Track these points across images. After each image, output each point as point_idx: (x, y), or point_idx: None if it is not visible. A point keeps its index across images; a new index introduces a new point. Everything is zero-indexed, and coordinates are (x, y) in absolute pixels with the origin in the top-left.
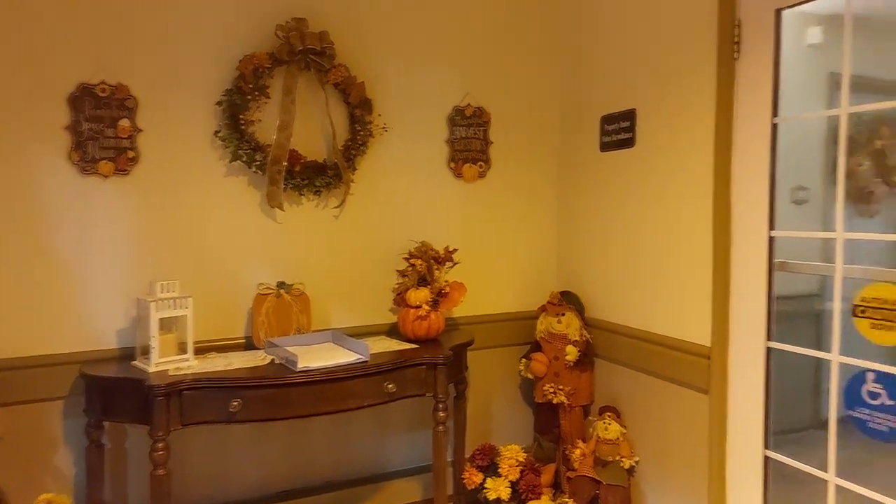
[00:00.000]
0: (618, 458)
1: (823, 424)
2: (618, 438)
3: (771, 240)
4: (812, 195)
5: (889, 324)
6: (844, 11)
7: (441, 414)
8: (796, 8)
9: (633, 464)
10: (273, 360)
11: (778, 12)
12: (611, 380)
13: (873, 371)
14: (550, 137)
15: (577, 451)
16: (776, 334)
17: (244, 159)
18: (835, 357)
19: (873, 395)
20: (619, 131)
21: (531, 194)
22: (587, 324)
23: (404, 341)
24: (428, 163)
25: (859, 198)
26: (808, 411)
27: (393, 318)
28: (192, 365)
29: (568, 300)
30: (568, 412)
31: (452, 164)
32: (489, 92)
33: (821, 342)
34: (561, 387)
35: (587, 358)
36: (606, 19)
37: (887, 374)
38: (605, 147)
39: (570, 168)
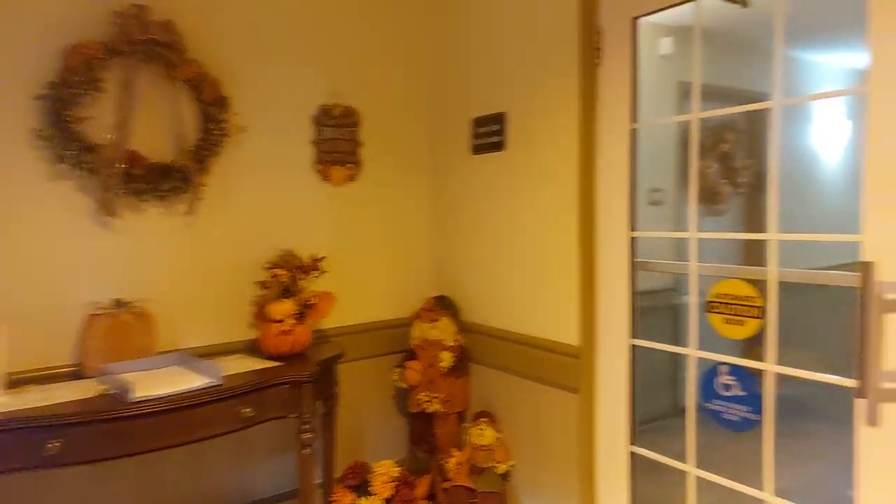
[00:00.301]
0: (493, 464)
1: (683, 412)
2: (493, 444)
3: (632, 240)
4: (667, 196)
5: (739, 318)
6: (694, 23)
7: (306, 436)
8: (650, 18)
9: (509, 468)
10: (106, 390)
11: (634, 20)
12: (486, 384)
13: (726, 364)
14: (423, 139)
15: (453, 461)
16: (640, 330)
17: (71, 161)
18: (692, 352)
19: (727, 387)
20: (489, 134)
21: (404, 197)
22: (463, 328)
23: (266, 359)
24: (292, 165)
25: (709, 198)
26: (669, 399)
27: (254, 335)
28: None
29: (443, 305)
30: (443, 420)
31: (319, 167)
32: (359, 91)
33: (679, 336)
34: (436, 394)
35: (462, 363)
36: (476, 22)
37: (739, 367)
38: (476, 149)
39: (443, 170)
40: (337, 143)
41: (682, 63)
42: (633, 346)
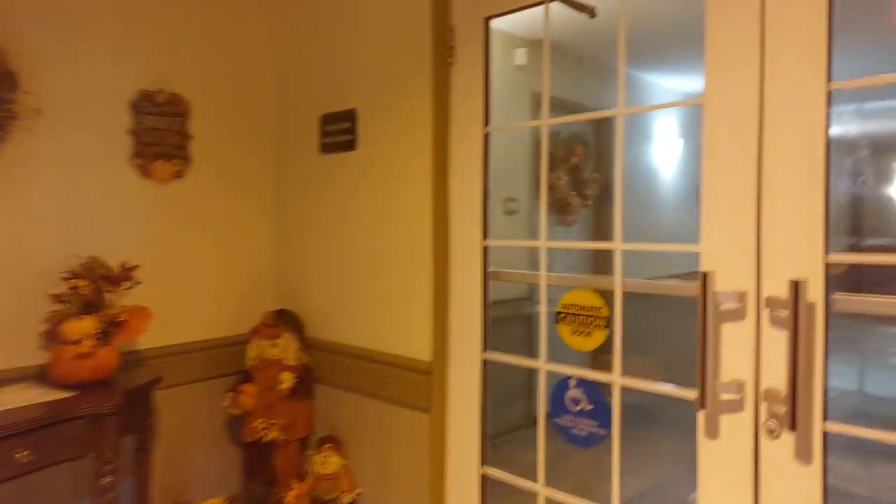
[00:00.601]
0: (338, 494)
1: (535, 424)
2: (338, 472)
3: (485, 249)
4: (521, 206)
5: (586, 329)
6: (543, 29)
7: (107, 479)
8: (505, 27)
9: (355, 498)
10: None
11: (486, 21)
12: (333, 407)
13: (574, 377)
14: (266, 135)
15: (292, 493)
16: (493, 342)
17: None
18: (542, 365)
19: (575, 401)
20: (339, 132)
21: (243, 199)
22: (307, 345)
23: (59, 388)
24: (103, 157)
25: (560, 209)
26: (524, 409)
27: (45, 359)
28: None
29: (285, 320)
30: (283, 449)
31: (138, 160)
32: (189, 77)
33: (534, 346)
34: (274, 420)
35: (306, 384)
36: (326, 12)
37: (586, 380)
38: (325, 149)
39: (289, 170)
40: (161, 134)
41: (536, 75)
42: (486, 360)
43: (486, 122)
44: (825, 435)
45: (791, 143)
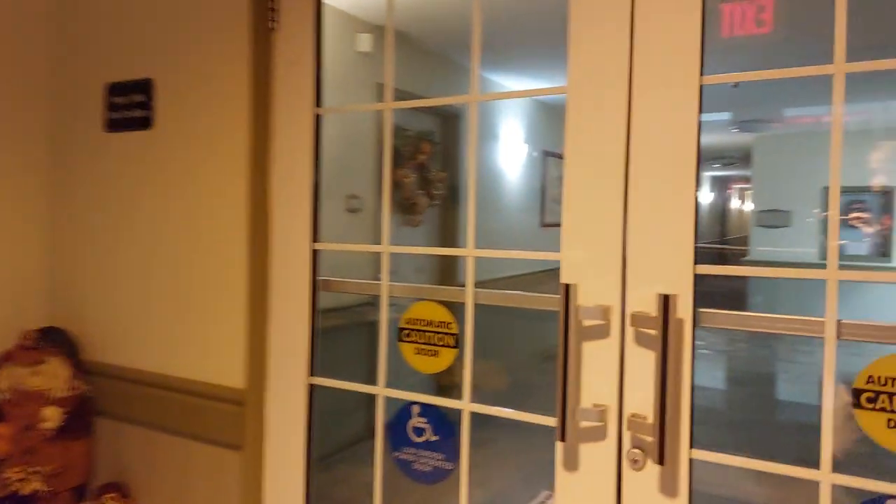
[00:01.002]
0: None
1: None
2: None
3: (315, 253)
4: (365, 204)
5: (431, 348)
6: (386, 22)
7: None
8: (346, 9)
9: None
10: None
11: None
12: (119, 446)
13: (419, 403)
14: (35, 107)
15: None
16: (327, 357)
17: None
18: (380, 391)
19: (418, 432)
20: (131, 106)
21: (2, 187)
22: (85, 371)
23: None
24: None
25: (407, 208)
26: (362, 420)
27: None
28: None
29: (53, 341)
30: (49, 503)
31: None
32: None
33: (374, 361)
34: (37, 468)
35: (81, 420)
36: None
37: (431, 406)
38: (113, 125)
39: (66, 152)
40: None
41: (382, 65)
42: (312, 386)
43: (318, 101)
44: (691, 463)
45: (661, 141)
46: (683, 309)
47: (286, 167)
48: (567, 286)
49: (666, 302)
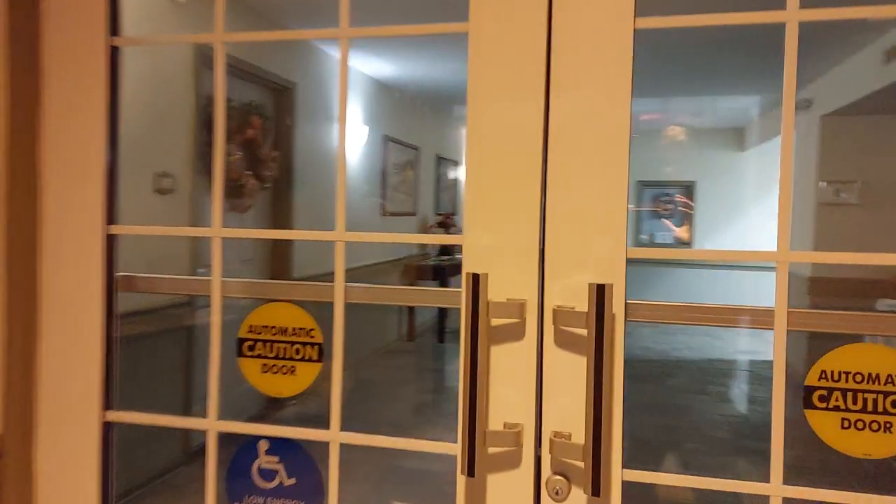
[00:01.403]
0: None
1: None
2: None
3: (110, 241)
4: (179, 185)
5: (287, 363)
6: None
7: None
8: None
9: None
10: None
11: None
12: None
13: (267, 438)
14: None
15: None
16: (127, 384)
17: None
18: (211, 425)
19: (268, 475)
20: None
21: None
22: None
23: None
24: None
25: (232, 192)
26: (180, 437)
27: None
28: None
29: None
30: None
31: None
32: None
33: (204, 377)
34: None
35: None
36: None
37: (284, 440)
38: None
39: None
40: None
41: (203, 21)
42: (108, 424)
43: (115, 29)
44: (624, 487)
45: (589, 97)
46: (617, 302)
47: (64, 121)
48: (475, 276)
49: (601, 293)
